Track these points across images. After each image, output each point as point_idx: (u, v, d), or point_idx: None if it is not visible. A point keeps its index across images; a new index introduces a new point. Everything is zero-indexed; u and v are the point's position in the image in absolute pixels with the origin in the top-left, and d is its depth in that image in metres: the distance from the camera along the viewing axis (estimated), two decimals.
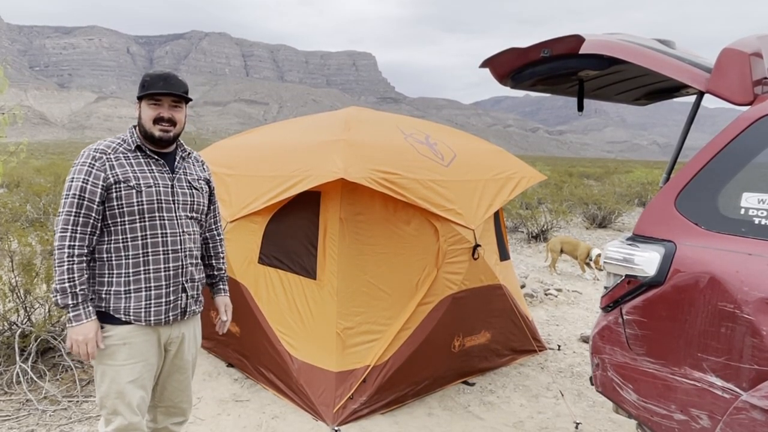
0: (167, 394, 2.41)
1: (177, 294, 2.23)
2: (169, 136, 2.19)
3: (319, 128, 4.15)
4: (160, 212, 2.17)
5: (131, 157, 2.18)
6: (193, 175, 2.33)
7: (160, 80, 2.15)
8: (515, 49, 2.86)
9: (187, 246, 2.24)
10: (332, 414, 3.36)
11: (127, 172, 2.13)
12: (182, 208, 2.24)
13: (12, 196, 12.05)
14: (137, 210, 2.13)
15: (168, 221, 2.19)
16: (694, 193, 2.22)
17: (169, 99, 2.17)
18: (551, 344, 5.11)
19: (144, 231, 2.15)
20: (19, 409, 3.47)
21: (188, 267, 2.25)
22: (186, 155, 2.35)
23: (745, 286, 1.95)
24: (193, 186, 2.30)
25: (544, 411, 3.79)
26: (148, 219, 2.15)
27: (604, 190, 19.71)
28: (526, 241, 11.61)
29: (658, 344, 2.21)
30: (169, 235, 2.19)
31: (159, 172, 2.21)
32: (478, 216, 3.83)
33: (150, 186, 2.15)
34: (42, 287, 4.02)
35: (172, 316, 2.23)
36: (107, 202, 2.12)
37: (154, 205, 2.15)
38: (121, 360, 2.15)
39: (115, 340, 2.15)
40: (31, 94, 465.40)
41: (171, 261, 2.19)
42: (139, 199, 2.13)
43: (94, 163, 2.11)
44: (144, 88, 2.16)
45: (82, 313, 2.05)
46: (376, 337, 3.57)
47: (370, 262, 3.58)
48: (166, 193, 2.20)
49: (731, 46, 2.23)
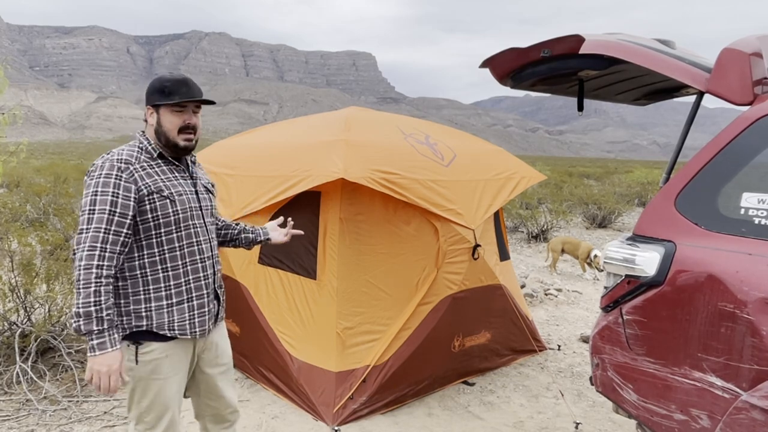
0: (211, 403, 2.34)
1: (213, 302, 2.19)
2: (192, 144, 2.11)
3: (319, 128, 4.14)
4: (192, 220, 2.11)
5: (155, 166, 2.06)
6: (205, 180, 2.29)
7: (182, 86, 2.04)
8: (515, 49, 2.86)
9: (214, 252, 2.22)
10: (332, 414, 3.36)
11: (158, 182, 2.03)
12: (206, 214, 2.20)
13: (12, 196, 12.05)
14: (173, 220, 2.04)
15: (200, 228, 2.14)
16: (694, 193, 2.22)
17: (192, 105, 2.08)
18: (551, 344, 5.11)
19: (181, 241, 2.07)
20: (19, 409, 3.47)
21: (217, 273, 2.23)
22: (193, 160, 2.28)
23: (745, 286, 1.95)
24: (208, 190, 2.27)
25: (544, 411, 3.79)
26: (183, 228, 2.08)
27: (604, 190, 19.71)
28: (526, 241, 11.61)
29: (658, 344, 2.21)
30: (202, 242, 2.15)
31: (183, 179, 2.13)
32: (478, 216, 3.83)
33: (181, 194, 2.08)
34: (42, 287, 4.02)
35: (210, 326, 2.19)
36: (139, 216, 1.99)
37: (187, 213, 2.09)
38: (165, 373, 2.07)
39: (158, 354, 2.05)
40: (31, 94, 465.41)
41: (208, 269, 2.15)
42: (174, 209, 2.04)
43: (121, 174, 1.95)
44: (165, 94, 2.02)
45: (107, 341, 1.87)
46: (376, 337, 3.57)
47: (370, 262, 3.58)
48: (194, 200, 2.14)
49: (731, 46, 2.23)
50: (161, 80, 2.06)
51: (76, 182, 17.24)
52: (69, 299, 4.05)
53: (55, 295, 3.93)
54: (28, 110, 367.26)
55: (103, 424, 3.37)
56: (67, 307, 4.04)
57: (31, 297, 3.96)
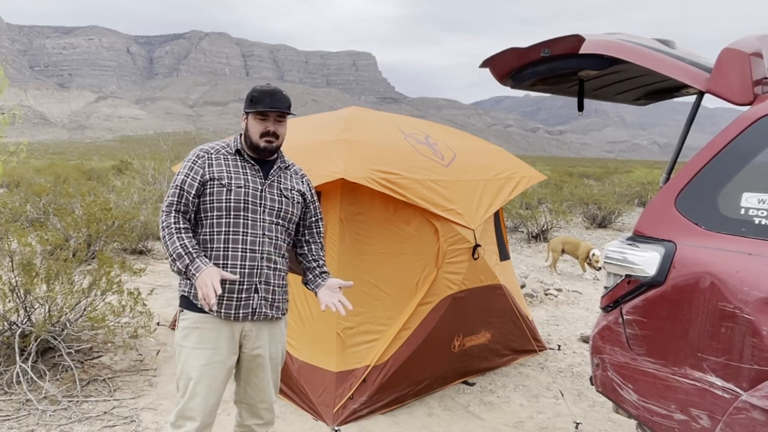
0: (248, 391, 2.44)
1: (249, 293, 2.28)
2: (273, 146, 2.32)
3: (319, 128, 4.14)
4: (245, 212, 2.27)
5: (230, 160, 2.32)
6: (287, 185, 2.40)
7: (267, 96, 2.27)
8: (515, 49, 2.85)
9: (266, 249, 2.30)
10: (332, 414, 3.36)
11: (222, 171, 2.28)
12: (268, 213, 2.32)
13: (12, 196, 12.05)
14: (225, 207, 2.25)
15: (251, 221, 2.28)
16: (694, 193, 2.22)
17: (275, 114, 2.29)
18: (551, 344, 5.11)
19: (228, 227, 2.25)
20: (19, 409, 3.47)
21: (263, 269, 2.30)
22: (285, 167, 2.44)
23: (745, 286, 1.95)
24: (283, 194, 2.37)
25: (544, 411, 3.79)
26: (233, 216, 2.25)
27: (604, 190, 19.70)
28: (526, 241, 11.61)
29: (658, 344, 2.21)
30: (249, 234, 2.27)
31: (252, 176, 2.32)
32: (478, 216, 3.83)
33: (240, 186, 2.27)
34: (42, 287, 4.02)
35: (242, 314, 2.27)
36: (202, 197, 2.27)
37: (240, 204, 2.26)
38: (192, 343, 2.26)
39: (190, 323, 2.28)
40: (31, 94, 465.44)
41: (248, 260, 2.26)
42: (228, 197, 2.25)
43: (197, 160, 2.29)
44: (252, 103, 2.28)
45: (200, 264, 2.14)
46: (376, 337, 3.57)
47: (370, 262, 3.58)
48: (255, 195, 2.29)
49: (731, 46, 2.23)
50: (253, 90, 2.32)
51: (76, 182, 17.25)
52: (69, 299, 4.05)
53: (55, 295, 3.92)
54: (28, 110, 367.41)
55: (103, 424, 3.37)
56: (67, 307, 4.04)
57: (31, 297, 3.95)
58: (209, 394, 2.27)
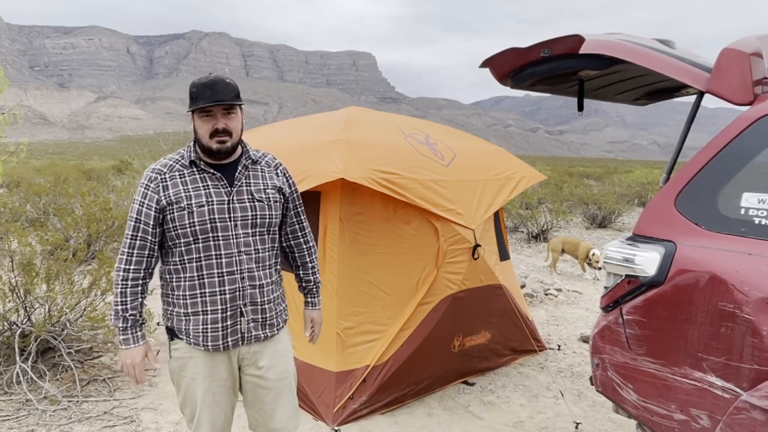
0: (258, 419, 2.26)
1: (235, 318, 2.08)
2: (227, 147, 2.03)
3: (319, 128, 4.14)
4: (214, 232, 2.03)
5: (186, 175, 2.06)
6: (258, 185, 2.13)
7: (207, 89, 1.97)
8: (515, 49, 2.86)
9: (245, 267, 2.07)
10: (332, 414, 3.36)
11: (180, 192, 2.03)
12: (241, 225, 2.07)
13: (12, 196, 12.05)
14: (190, 232, 2.02)
15: (223, 241, 2.04)
16: (694, 193, 2.22)
17: (220, 108, 2.00)
18: (551, 344, 5.11)
19: (198, 253, 2.03)
20: (19, 409, 3.47)
21: (246, 290, 2.08)
22: (252, 163, 2.15)
23: (745, 286, 1.95)
24: (255, 198, 2.10)
25: (544, 411, 3.79)
26: (201, 240, 2.03)
27: (604, 190, 19.70)
28: (526, 241, 11.61)
29: (658, 344, 2.21)
30: (224, 256, 2.04)
31: (215, 188, 2.06)
32: (478, 216, 3.83)
33: (202, 205, 2.02)
34: (42, 287, 4.02)
35: (231, 341, 2.09)
36: (165, 224, 2.04)
37: (207, 225, 2.02)
38: (191, 373, 2.12)
39: (183, 353, 2.12)
40: (31, 94, 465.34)
41: (227, 284, 2.05)
42: (191, 221, 2.01)
43: (149, 184, 2.04)
44: (193, 100, 2.01)
45: (130, 338, 2.04)
46: (376, 337, 3.57)
47: (370, 262, 3.58)
48: (221, 210, 2.04)
49: (731, 46, 2.23)
50: (191, 85, 2.03)
51: (76, 182, 17.25)
52: (69, 299, 4.05)
53: (55, 295, 3.92)
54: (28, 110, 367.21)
55: (103, 424, 3.37)
56: (67, 307, 4.04)
57: (31, 297, 3.95)
58: (215, 420, 2.16)
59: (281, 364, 2.23)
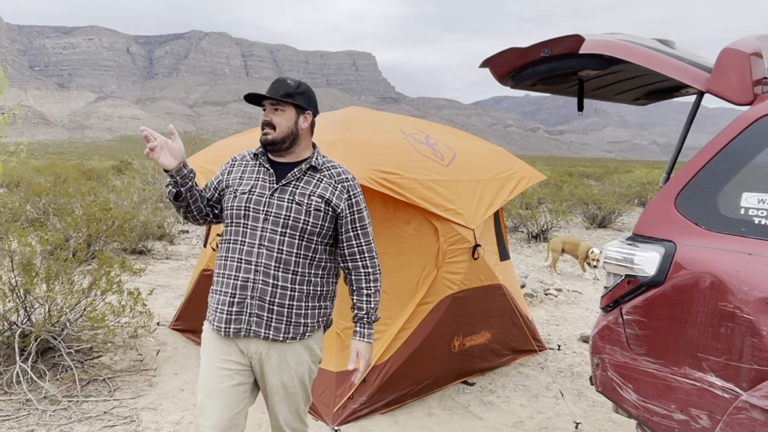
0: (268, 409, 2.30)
1: (241, 307, 2.10)
2: (266, 139, 2.14)
3: (318, 128, 4.12)
4: (245, 219, 2.12)
5: (250, 165, 2.23)
6: (305, 190, 2.13)
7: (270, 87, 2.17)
8: (515, 49, 2.85)
9: (263, 261, 2.08)
10: (332, 414, 3.36)
11: (236, 178, 2.21)
12: (273, 222, 2.10)
13: (12, 196, 12.05)
14: (229, 214, 2.17)
15: (250, 230, 2.11)
16: (694, 193, 2.22)
17: (269, 102, 2.16)
18: (551, 344, 5.11)
19: (230, 235, 2.16)
20: (19, 409, 3.47)
21: (258, 283, 2.08)
22: (312, 169, 2.18)
23: (745, 286, 1.95)
24: (296, 201, 2.11)
25: (544, 411, 3.79)
26: (234, 224, 2.15)
27: (604, 190, 19.70)
28: (526, 241, 11.61)
29: (658, 344, 2.21)
30: (246, 244, 2.11)
31: (262, 181, 2.16)
32: (478, 216, 3.83)
33: (244, 193, 2.14)
34: (42, 287, 4.02)
35: (233, 329, 2.11)
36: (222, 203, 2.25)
37: (241, 212, 2.13)
38: (205, 354, 2.21)
39: (205, 333, 2.24)
40: (31, 94, 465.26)
41: (242, 271, 2.10)
42: (232, 204, 2.15)
43: (224, 166, 2.29)
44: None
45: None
46: (376, 336, 3.57)
47: None
48: (258, 202, 2.11)
49: (731, 46, 2.23)
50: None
51: (76, 182, 17.24)
52: (69, 299, 4.05)
53: (55, 295, 3.92)
54: (28, 110, 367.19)
55: (103, 424, 3.37)
56: (67, 307, 4.04)
57: (31, 297, 3.95)
58: (217, 410, 2.11)
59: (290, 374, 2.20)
